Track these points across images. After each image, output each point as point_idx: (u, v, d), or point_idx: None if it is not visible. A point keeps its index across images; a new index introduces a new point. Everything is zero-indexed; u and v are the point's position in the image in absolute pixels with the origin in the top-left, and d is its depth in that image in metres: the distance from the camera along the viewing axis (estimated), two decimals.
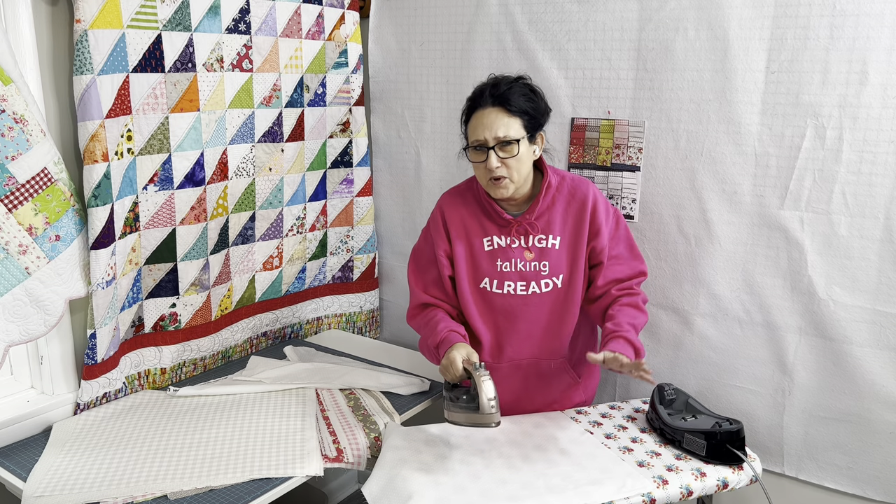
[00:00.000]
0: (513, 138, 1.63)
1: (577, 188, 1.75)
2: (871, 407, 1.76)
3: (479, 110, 1.66)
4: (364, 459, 1.70)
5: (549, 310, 1.76)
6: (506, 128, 1.63)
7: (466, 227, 1.78)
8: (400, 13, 2.35)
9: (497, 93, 1.64)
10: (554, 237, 1.73)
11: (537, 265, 1.73)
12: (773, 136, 1.78)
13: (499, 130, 1.62)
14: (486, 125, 1.63)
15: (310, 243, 2.43)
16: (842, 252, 1.74)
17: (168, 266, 1.98)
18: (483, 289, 1.76)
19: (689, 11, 1.83)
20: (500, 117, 1.63)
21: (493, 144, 1.63)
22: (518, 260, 1.73)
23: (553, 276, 1.74)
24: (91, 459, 1.60)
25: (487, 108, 1.64)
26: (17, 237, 1.61)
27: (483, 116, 1.64)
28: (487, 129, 1.63)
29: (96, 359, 1.79)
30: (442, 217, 1.81)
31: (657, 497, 1.49)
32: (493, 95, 1.64)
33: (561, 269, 1.74)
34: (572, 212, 1.74)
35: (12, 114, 1.55)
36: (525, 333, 1.77)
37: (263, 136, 2.17)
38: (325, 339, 2.49)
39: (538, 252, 1.74)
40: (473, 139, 1.66)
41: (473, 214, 1.78)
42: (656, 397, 1.75)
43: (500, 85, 1.66)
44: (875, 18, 1.61)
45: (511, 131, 1.63)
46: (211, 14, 1.93)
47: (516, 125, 1.64)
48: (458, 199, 1.81)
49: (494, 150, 1.63)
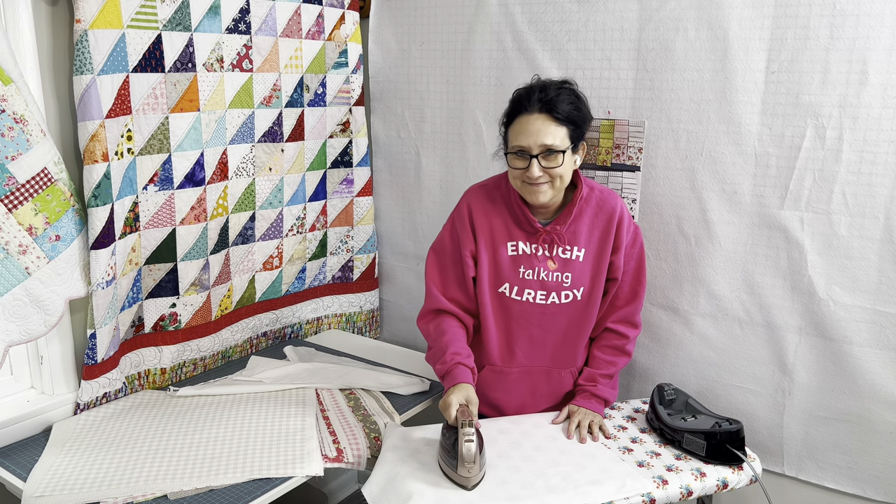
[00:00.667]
0: (558, 148, 1.57)
1: (606, 201, 1.72)
2: (871, 407, 1.76)
3: (524, 115, 1.59)
4: (364, 459, 1.70)
5: (566, 321, 1.75)
6: (552, 137, 1.57)
7: (492, 228, 1.72)
8: (400, 13, 2.35)
9: (546, 98, 1.58)
10: (579, 249, 1.71)
11: (560, 276, 1.70)
12: (773, 136, 1.78)
13: (546, 139, 1.56)
14: (531, 132, 1.57)
15: (310, 243, 2.43)
16: (842, 252, 1.74)
17: (168, 266, 1.98)
18: (501, 293, 1.73)
19: (689, 11, 1.83)
20: (547, 125, 1.57)
21: (538, 153, 1.57)
22: (541, 269, 1.70)
23: (574, 289, 1.71)
24: (91, 459, 1.61)
25: (534, 113, 1.58)
26: (17, 237, 1.61)
27: (529, 122, 1.58)
28: (533, 136, 1.57)
29: (96, 359, 1.79)
30: (469, 215, 1.74)
31: (657, 497, 1.49)
32: (542, 101, 1.58)
33: (583, 282, 1.72)
34: (599, 225, 1.71)
35: (12, 114, 1.55)
36: (538, 341, 1.76)
37: (263, 136, 2.17)
38: (325, 339, 2.49)
39: (562, 263, 1.71)
40: (516, 145, 1.60)
41: (500, 216, 1.72)
42: (656, 397, 1.75)
43: (549, 90, 1.59)
44: (875, 18, 1.61)
45: (557, 140, 1.57)
46: (211, 14, 1.93)
47: (562, 134, 1.58)
48: (486, 198, 1.75)
49: (538, 158, 1.57)
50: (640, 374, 2.09)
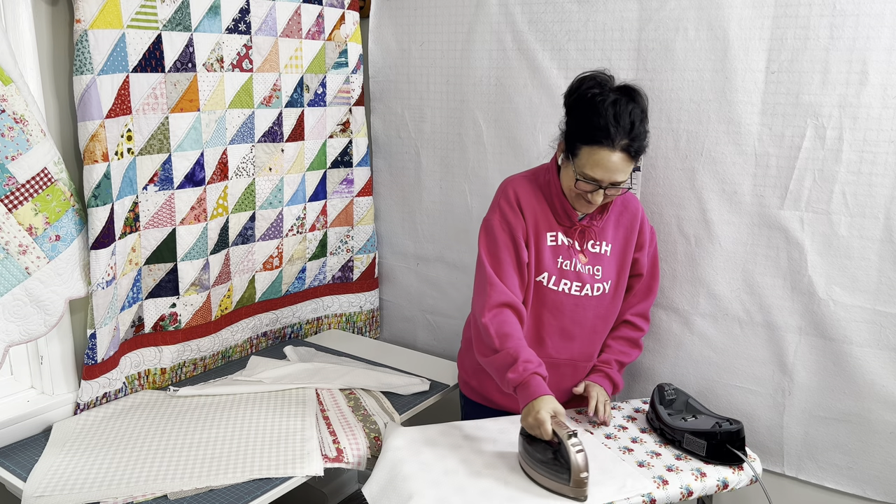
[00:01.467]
0: (624, 181, 1.60)
1: (630, 201, 1.80)
2: (871, 407, 1.76)
3: (605, 149, 1.55)
4: (364, 459, 1.70)
5: (595, 314, 1.78)
6: (625, 174, 1.58)
7: (536, 216, 1.71)
8: (400, 13, 2.35)
9: (632, 139, 1.55)
10: (607, 244, 1.76)
11: (591, 269, 1.75)
12: (773, 136, 1.78)
13: (619, 177, 1.57)
14: (609, 169, 1.56)
15: (310, 243, 2.43)
16: (842, 252, 1.74)
17: (168, 266, 1.99)
18: (539, 282, 1.74)
19: (689, 11, 1.83)
20: (625, 165, 1.56)
21: (607, 185, 1.59)
22: (577, 260, 1.74)
23: (604, 282, 1.76)
24: (91, 459, 1.61)
25: (617, 151, 1.55)
26: (17, 237, 1.61)
27: (607, 160, 1.55)
28: (610, 173, 1.56)
29: (96, 359, 1.79)
30: (517, 200, 1.71)
31: (657, 497, 1.49)
32: (629, 143, 1.55)
33: (610, 275, 1.77)
34: (624, 223, 1.78)
35: (12, 114, 1.55)
36: (568, 333, 1.78)
37: (263, 136, 2.17)
38: (325, 339, 2.49)
39: (591, 256, 1.75)
40: (589, 175, 1.58)
41: (541, 206, 1.72)
42: (656, 397, 1.75)
43: (636, 128, 1.55)
44: (875, 18, 1.61)
45: (626, 174, 1.59)
46: (211, 14, 1.93)
47: (631, 166, 1.59)
48: (528, 187, 1.73)
49: (606, 188, 1.59)
50: (641, 374, 2.09)
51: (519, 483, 1.49)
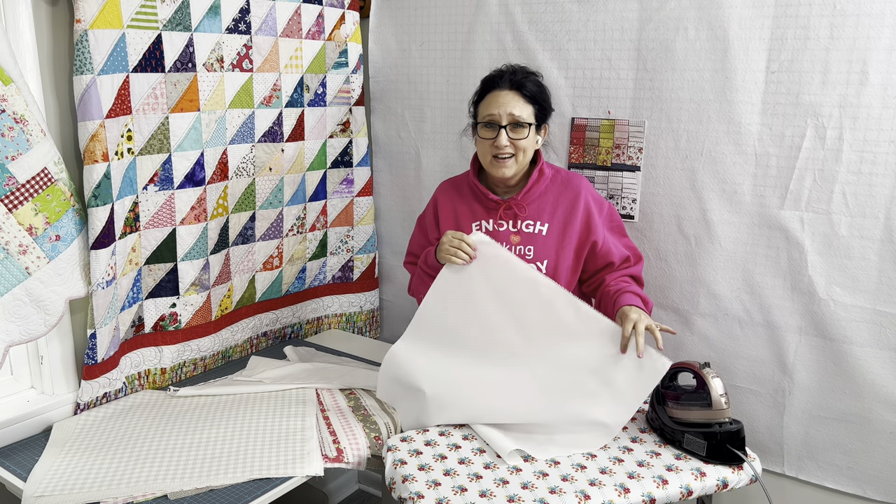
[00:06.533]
0: (525, 121, 1.73)
1: (571, 181, 1.84)
2: (871, 407, 1.76)
3: (495, 90, 1.76)
4: (364, 459, 1.70)
5: None
6: (520, 109, 1.73)
7: (457, 212, 1.87)
8: (400, 13, 2.35)
9: (515, 78, 1.75)
10: (542, 224, 1.79)
11: (522, 249, 1.79)
12: (773, 136, 1.78)
13: (514, 110, 1.72)
14: (501, 103, 1.73)
15: (310, 243, 2.43)
16: (842, 252, 1.74)
17: (168, 266, 1.99)
18: None
19: (689, 11, 1.83)
20: (516, 99, 1.74)
21: (506, 123, 1.72)
22: (504, 243, 1.78)
23: (537, 261, 1.78)
24: (91, 459, 1.60)
25: (505, 89, 1.75)
26: (17, 237, 1.61)
27: (499, 96, 1.74)
28: (503, 106, 1.73)
29: (96, 359, 1.79)
30: (434, 205, 1.93)
31: (657, 497, 1.49)
32: (511, 80, 1.75)
33: (546, 254, 1.79)
34: (564, 202, 1.80)
35: (12, 114, 1.55)
36: None
37: (263, 136, 2.17)
38: (325, 339, 2.49)
39: (525, 236, 1.80)
40: (486, 114, 1.75)
41: (465, 200, 1.87)
42: (656, 397, 1.75)
43: (518, 72, 1.78)
44: (875, 18, 1.61)
45: (524, 114, 1.73)
46: (211, 14, 1.93)
47: (528, 110, 1.74)
48: (453, 188, 1.92)
49: (506, 129, 1.72)
50: None
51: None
